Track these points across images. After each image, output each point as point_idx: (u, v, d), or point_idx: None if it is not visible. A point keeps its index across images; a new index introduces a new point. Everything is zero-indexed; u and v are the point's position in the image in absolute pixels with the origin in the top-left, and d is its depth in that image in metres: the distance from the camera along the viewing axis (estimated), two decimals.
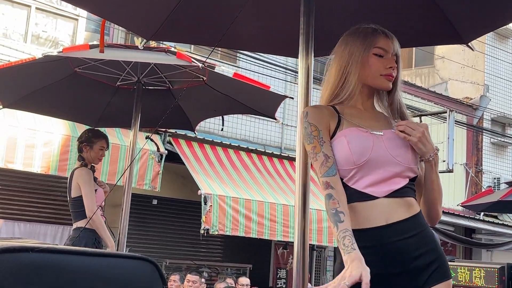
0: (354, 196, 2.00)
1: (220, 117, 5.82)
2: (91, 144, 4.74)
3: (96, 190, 4.65)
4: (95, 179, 4.77)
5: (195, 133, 5.88)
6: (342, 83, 2.15)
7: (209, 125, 9.89)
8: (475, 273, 5.09)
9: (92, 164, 4.83)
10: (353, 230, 1.91)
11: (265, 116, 5.35)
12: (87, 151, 4.74)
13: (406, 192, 2.03)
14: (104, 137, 4.84)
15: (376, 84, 2.13)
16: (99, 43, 4.08)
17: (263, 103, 5.10)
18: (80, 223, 4.56)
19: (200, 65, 4.10)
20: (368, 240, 1.96)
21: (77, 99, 5.23)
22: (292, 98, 5.12)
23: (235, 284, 7.82)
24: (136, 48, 4.26)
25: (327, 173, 1.98)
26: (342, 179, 2.02)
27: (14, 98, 4.99)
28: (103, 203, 4.79)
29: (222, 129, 6.34)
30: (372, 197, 1.99)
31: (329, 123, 2.09)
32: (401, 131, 2.06)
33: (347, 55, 2.15)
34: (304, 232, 2.59)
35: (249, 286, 7.96)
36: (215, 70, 4.65)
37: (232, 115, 9.62)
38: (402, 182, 2.02)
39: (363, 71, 2.12)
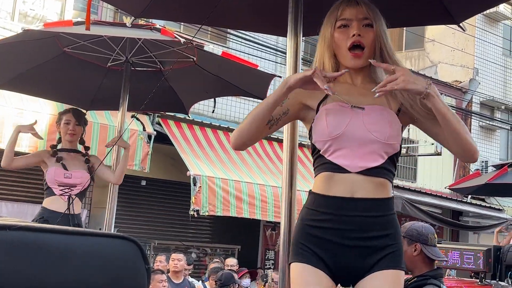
0: (328, 166, 2.03)
1: (212, 99, 5.78)
2: (59, 122, 4.57)
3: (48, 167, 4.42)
4: (87, 160, 4.55)
5: (189, 115, 5.84)
6: (322, 67, 2.12)
7: (199, 106, 9.84)
8: (461, 255, 5.13)
9: (87, 146, 4.70)
10: (319, 195, 2.02)
11: (256, 97, 5.33)
12: (59, 129, 4.58)
13: (380, 173, 2.01)
14: (70, 111, 4.59)
15: (345, 64, 2.08)
16: (83, 20, 4.03)
17: (253, 84, 5.07)
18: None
19: (182, 40, 4.06)
20: (331, 207, 2.00)
21: (68, 81, 5.16)
22: (280, 77, 5.10)
23: (223, 265, 7.84)
24: (123, 25, 4.21)
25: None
26: (319, 151, 2.05)
27: (4, 79, 4.92)
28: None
29: (213, 111, 6.30)
30: (344, 170, 2.00)
31: (306, 99, 2.12)
32: (382, 89, 1.94)
33: (320, 38, 2.15)
34: (291, 214, 2.58)
35: (236, 267, 7.98)
36: (204, 49, 4.62)
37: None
38: (378, 160, 2.00)
39: (335, 51, 2.10)
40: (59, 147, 4.55)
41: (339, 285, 2.07)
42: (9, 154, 4.39)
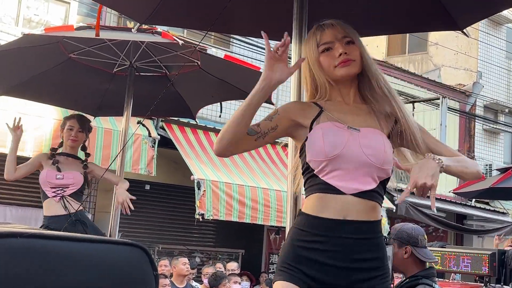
0: (321, 187, 2.02)
1: (217, 103, 5.81)
2: (63, 126, 4.57)
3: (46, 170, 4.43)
4: (85, 166, 4.55)
5: (196, 121, 5.84)
6: (314, 88, 2.17)
7: (202, 111, 9.81)
8: (466, 259, 5.12)
9: (87, 153, 4.69)
10: (311, 216, 2.02)
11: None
12: (62, 135, 4.57)
13: (372, 196, 2.02)
14: (75, 117, 4.59)
15: (336, 77, 2.09)
16: (85, 25, 4.05)
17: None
18: None
19: (181, 42, 4.08)
20: (323, 229, 2.00)
21: (75, 87, 5.18)
22: None
23: (224, 269, 7.85)
24: (125, 30, 4.24)
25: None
26: (313, 170, 2.04)
27: (10, 85, 4.94)
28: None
29: (220, 116, 6.31)
30: (338, 192, 2.00)
31: (297, 116, 2.11)
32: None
33: (303, 64, 2.17)
34: (295, 218, 2.58)
35: (237, 271, 8.00)
36: (207, 52, 4.64)
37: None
38: (372, 184, 2.01)
39: (323, 72, 2.11)
40: (59, 151, 4.56)
41: None
42: (10, 166, 4.40)
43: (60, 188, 4.36)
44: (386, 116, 2.13)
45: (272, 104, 5.47)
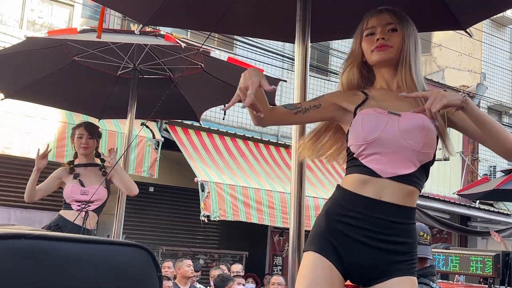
0: (361, 169, 2.06)
1: (222, 106, 5.80)
2: (72, 136, 4.59)
3: (65, 184, 4.45)
4: (104, 172, 4.52)
5: (200, 123, 5.85)
6: (350, 79, 2.22)
7: (206, 113, 9.84)
8: (470, 261, 5.11)
9: (103, 159, 4.66)
10: (350, 192, 2.06)
11: None
12: (73, 144, 4.60)
13: (410, 180, 2.03)
14: (82, 125, 4.62)
15: (372, 62, 2.16)
16: (88, 28, 4.06)
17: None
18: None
19: (183, 45, 4.09)
20: (359, 206, 2.03)
21: (79, 90, 5.19)
22: (285, 81, 5.11)
23: (229, 271, 7.85)
24: (129, 32, 4.25)
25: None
26: (353, 154, 2.09)
27: (15, 88, 4.95)
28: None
29: (223, 118, 6.33)
30: (376, 175, 2.03)
31: (342, 101, 2.18)
32: (422, 112, 1.97)
33: (349, 53, 2.24)
34: (300, 220, 2.59)
35: (242, 273, 7.99)
36: (210, 55, 4.64)
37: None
38: (411, 168, 2.03)
39: (366, 58, 2.18)
40: (76, 162, 4.57)
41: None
42: (31, 193, 4.39)
43: (85, 203, 4.38)
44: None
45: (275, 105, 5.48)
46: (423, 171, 2.07)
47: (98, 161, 4.64)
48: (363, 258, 2.00)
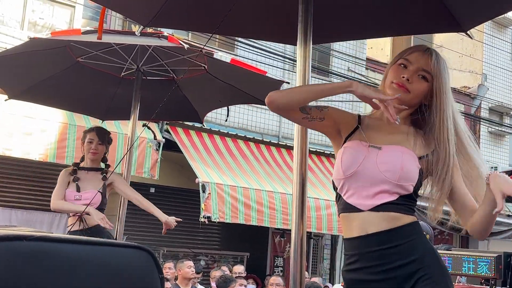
0: (344, 206, 2.08)
1: (224, 107, 5.81)
2: (83, 139, 4.59)
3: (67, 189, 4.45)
4: (104, 177, 4.53)
5: (203, 124, 5.85)
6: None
7: (207, 114, 9.87)
8: (471, 262, 5.10)
9: (107, 164, 4.68)
10: (345, 239, 2.10)
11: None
12: (83, 147, 4.59)
13: (390, 207, 2.01)
14: (94, 130, 4.62)
15: (387, 92, 2.09)
16: (92, 29, 4.06)
17: (263, 91, 5.07)
18: None
19: (186, 46, 4.09)
20: (354, 248, 2.05)
21: (83, 91, 5.20)
22: (288, 83, 5.12)
23: (230, 272, 7.85)
24: (132, 33, 4.25)
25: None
26: (337, 189, 2.12)
27: (19, 89, 4.96)
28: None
29: (226, 120, 6.33)
30: (357, 210, 2.03)
31: (340, 124, 2.20)
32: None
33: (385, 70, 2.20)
34: (302, 221, 2.58)
35: (243, 274, 7.99)
36: (214, 57, 4.65)
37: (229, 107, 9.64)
38: (388, 198, 2.01)
39: (384, 82, 2.15)
40: (81, 165, 4.57)
41: None
42: (63, 210, 4.51)
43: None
44: (429, 143, 2.10)
45: None
46: (405, 200, 2.04)
47: (102, 165, 4.65)
48: None
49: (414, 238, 2.03)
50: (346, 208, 2.07)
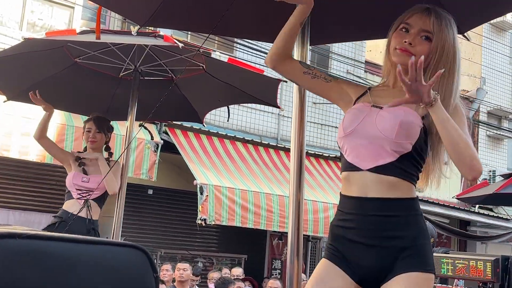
0: (345, 165, 2.09)
1: (224, 107, 5.81)
2: (83, 130, 4.78)
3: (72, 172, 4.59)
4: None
5: (203, 124, 5.86)
6: (386, 67, 2.21)
7: (206, 115, 9.86)
8: (469, 265, 5.10)
9: (111, 152, 4.83)
10: (342, 196, 2.09)
11: (268, 104, 5.36)
12: (83, 137, 4.77)
13: (390, 170, 1.98)
14: (92, 119, 4.75)
15: (392, 59, 2.09)
16: (88, 29, 4.06)
17: (262, 90, 5.08)
18: None
19: (181, 45, 4.10)
20: (351, 207, 2.04)
21: (81, 92, 5.20)
22: (286, 81, 5.12)
23: (229, 274, 7.84)
24: (128, 33, 4.25)
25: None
26: (340, 149, 2.13)
27: (17, 90, 4.95)
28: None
29: (228, 120, 6.33)
30: (357, 169, 2.02)
31: (349, 89, 2.25)
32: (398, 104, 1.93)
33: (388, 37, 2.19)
34: (298, 223, 2.58)
35: (242, 277, 7.98)
36: (211, 56, 4.66)
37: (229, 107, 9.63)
38: (388, 158, 1.98)
39: (388, 49, 2.15)
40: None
41: None
42: (43, 128, 4.68)
43: (85, 191, 4.49)
44: None
45: (278, 107, 5.49)
46: (407, 161, 2.00)
47: (106, 154, 4.78)
48: (369, 260, 1.98)
49: (413, 214, 2.02)
50: (346, 166, 2.07)
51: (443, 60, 2.04)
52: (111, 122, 5.02)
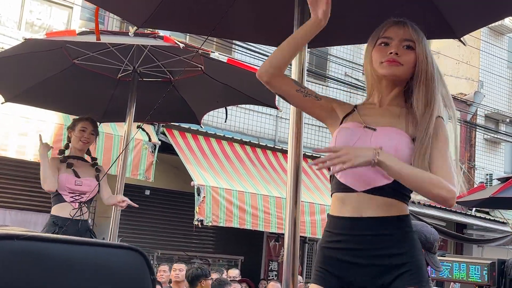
0: (337, 186, 2.06)
1: (221, 108, 5.81)
2: (73, 127, 4.56)
3: (59, 175, 4.42)
4: (97, 169, 4.59)
5: (201, 126, 5.86)
6: (369, 82, 2.19)
7: (204, 116, 9.86)
8: (466, 269, 5.10)
9: (94, 157, 4.70)
10: (333, 217, 2.06)
11: (266, 105, 5.36)
12: (71, 135, 4.56)
13: (386, 192, 2.00)
14: (88, 119, 4.60)
15: (379, 72, 2.08)
16: (87, 30, 4.06)
17: (261, 91, 5.07)
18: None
19: (182, 45, 4.10)
20: (343, 228, 2.02)
21: (80, 93, 5.19)
22: None
23: (226, 276, 7.83)
24: (127, 34, 4.25)
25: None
26: (330, 169, 2.08)
27: (16, 92, 4.94)
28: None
29: (225, 121, 6.34)
30: (352, 190, 2.01)
31: (337, 107, 2.22)
32: (321, 165, 1.96)
33: (365, 54, 2.18)
34: (295, 225, 2.59)
35: (238, 278, 7.97)
36: (210, 56, 4.65)
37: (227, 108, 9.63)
38: (384, 181, 1.99)
39: (371, 65, 2.12)
40: (66, 153, 4.58)
41: None
42: (52, 177, 4.36)
43: (78, 194, 4.42)
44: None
45: (277, 108, 5.50)
46: (400, 184, 2.00)
47: (89, 159, 4.66)
48: (364, 279, 1.97)
49: (407, 230, 2.03)
50: (339, 188, 2.05)
51: (430, 68, 2.07)
52: (110, 123, 5.01)
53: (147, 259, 1.15)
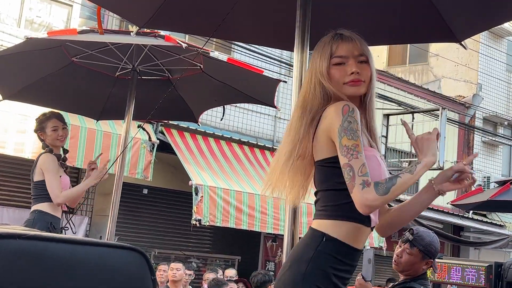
0: (360, 217, 1.96)
1: (220, 107, 5.82)
2: (43, 129, 4.34)
3: (60, 177, 4.35)
4: (64, 165, 4.50)
5: (199, 124, 5.85)
6: (323, 95, 2.06)
7: (202, 116, 9.84)
8: (463, 271, 5.11)
9: (65, 149, 4.60)
10: (348, 246, 1.98)
11: (265, 104, 5.36)
12: (44, 138, 4.37)
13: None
14: (54, 116, 4.37)
15: (346, 93, 2.04)
16: (88, 28, 4.05)
17: (260, 90, 5.09)
18: (38, 206, 4.43)
19: (184, 45, 4.10)
20: (353, 259, 2.03)
21: (78, 91, 5.19)
22: (286, 82, 5.13)
23: (222, 276, 7.83)
24: (128, 33, 4.26)
25: (368, 173, 1.89)
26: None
27: (14, 90, 4.94)
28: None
29: (221, 119, 6.34)
30: (369, 224, 2.03)
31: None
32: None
33: (310, 69, 2.12)
34: (294, 226, 2.59)
35: (235, 278, 7.97)
36: (210, 55, 4.66)
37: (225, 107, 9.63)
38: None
39: (332, 84, 2.05)
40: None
41: None
42: (75, 197, 4.39)
43: None
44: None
45: (276, 108, 5.50)
46: None
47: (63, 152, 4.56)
48: None
49: None
50: (362, 220, 1.98)
51: (376, 76, 2.13)
52: (109, 121, 5.00)
53: (148, 260, 1.15)
